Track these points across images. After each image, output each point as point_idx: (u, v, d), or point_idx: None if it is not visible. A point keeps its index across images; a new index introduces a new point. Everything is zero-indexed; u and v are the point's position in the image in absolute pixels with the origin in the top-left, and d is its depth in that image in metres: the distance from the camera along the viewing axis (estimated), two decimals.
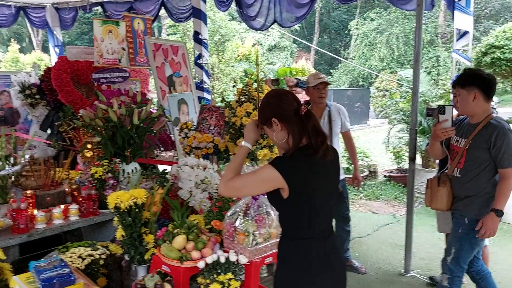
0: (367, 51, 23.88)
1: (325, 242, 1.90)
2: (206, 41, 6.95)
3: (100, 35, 4.85)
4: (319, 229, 1.89)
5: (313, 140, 1.83)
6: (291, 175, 1.79)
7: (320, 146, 1.84)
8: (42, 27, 8.90)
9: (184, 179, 3.05)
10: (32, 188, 2.88)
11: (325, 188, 1.90)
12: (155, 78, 5.00)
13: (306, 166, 1.83)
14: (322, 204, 1.88)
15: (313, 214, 1.85)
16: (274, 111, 1.89)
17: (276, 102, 1.90)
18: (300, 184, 1.81)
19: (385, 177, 7.95)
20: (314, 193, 1.85)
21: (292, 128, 1.85)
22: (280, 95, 1.93)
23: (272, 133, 1.93)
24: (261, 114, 1.95)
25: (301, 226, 1.86)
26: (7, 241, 2.48)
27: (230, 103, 3.66)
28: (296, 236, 1.88)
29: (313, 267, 1.86)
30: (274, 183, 1.81)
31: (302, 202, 1.83)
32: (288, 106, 1.87)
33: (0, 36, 24.65)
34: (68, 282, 1.77)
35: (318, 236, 1.88)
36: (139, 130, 3.07)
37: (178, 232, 2.53)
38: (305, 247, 1.86)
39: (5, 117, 5.67)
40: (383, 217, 6.04)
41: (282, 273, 1.93)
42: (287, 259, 1.91)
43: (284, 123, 1.87)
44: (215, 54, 14.79)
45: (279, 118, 1.87)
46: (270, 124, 1.90)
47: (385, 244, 4.94)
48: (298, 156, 1.83)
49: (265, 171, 1.82)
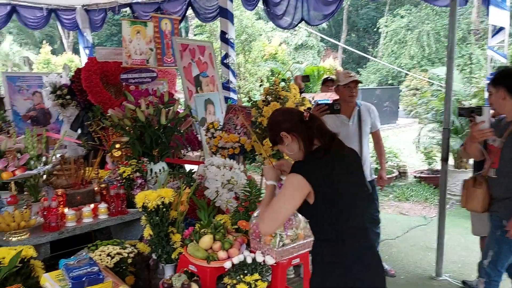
0: (397, 49, 23.43)
1: (359, 243, 1.87)
2: (233, 41, 6.95)
3: (128, 36, 4.92)
4: (352, 229, 1.86)
5: (322, 139, 1.90)
6: (313, 176, 1.80)
7: (330, 143, 1.89)
8: (73, 28, 9.10)
9: (210, 179, 3.04)
10: (62, 187, 2.93)
11: (351, 185, 1.89)
12: (182, 78, 5.03)
13: (326, 165, 1.84)
14: (350, 202, 1.86)
15: (344, 214, 1.83)
16: (281, 126, 1.97)
17: (280, 118, 2.01)
18: (324, 183, 1.80)
19: (415, 178, 7.77)
20: (340, 191, 1.83)
21: (301, 135, 1.92)
22: (282, 112, 2.08)
23: (285, 148, 2.00)
24: (271, 134, 2.05)
25: (333, 227, 1.84)
26: (39, 238, 2.53)
27: (256, 103, 3.64)
28: (330, 238, 1.86)
29: (350, 268, 1.82)
30: (303, 190, 1.80)
31: (330, 203, 1.81)
32: (291, 117, 1.98)
33: (33, 38, 25.36)
34: (96, 280, 1.78)
35: (350, 237, 1.85)
36: (166, 130, 3.08)
37: (205, 232, 2.52)
38: (340, 249, 1.84)
39: (37, 117, 5.82)
40: (414, 219, 5.91)
41: (318, 278, 1.91)
42: (321, 266, 1.89)
43: (292, 133, 1.94)
44: (242, 54, 14.79)
45: (286, 130, 1.95)
46: (281, 139, 1.97)
47: (415, 247, 4.82)
48: (314, 158, 1.88)
49: (290, 181, 1.83)
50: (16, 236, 2.44)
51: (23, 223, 2.41)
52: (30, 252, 2.11)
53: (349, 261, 1.82)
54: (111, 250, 2.51)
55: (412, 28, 22.96)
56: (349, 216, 1.85)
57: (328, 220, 1.83)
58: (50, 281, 1.78)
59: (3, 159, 2.41)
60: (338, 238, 1.84)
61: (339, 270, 1.82)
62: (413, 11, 23.60)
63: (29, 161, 2.56)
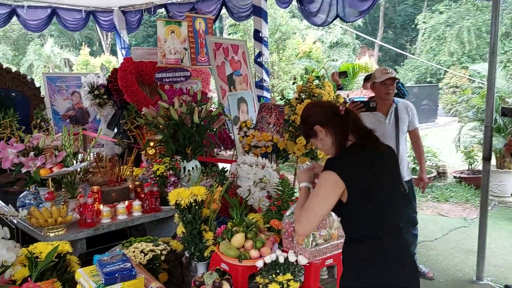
0: (436, 45, 22.77)
1: (395, 241, 1.81)
2: (266, 39, 6.93)
3: (163, 35, 4.97)
4: (387, 228, 1.80)
5: (357, 135, 1.85)
6: (347, 173, 1.75)
7: (366, 139, 1.83)
8: (110, 30, 9.30)
9: (242, 177, 3.03)
10: (98, 184, 2.99)
11: (387, 182, 1.83)
12: (215, 77, 5.04)
13: (361, 162, 1.79)
14: (386, 200, 1.80)
15: (378, 212, 1.77)
16: (315, 119, 1.93)
17: (314, 111, 1.96)
18: (359, 180, 1.75)
19: (455, 178, 7.53)
20: (376, 189, 1.77)
21: (335, 129, 1.87)
22: (315, 104, 2.05)
23: (318, 142, 1.95)
24: (304, 128, 2.00)
25: (369, 224, 1.78)
26: (75, 234, 2.58)
27: (290, 101, 3.60)
28: (366, 235, 1.80)
29: (386, 266, 1.76)
30: (337, 187, 1.75)
31: (364, 201, 1.75)
32: (326, 110, 1.93)
33: (73, 40, 26.19)
34: (129, 277, 1.79)
35: (387, 235, 1.79)
36: (199, 128, 3.09)
37: (237, 230, 2.51)
38: (376, 246, 1.78)
39: (76, 117, 5.98)
40: (453, 220, 5.71)
41: (351, 276, 1.85)
42: (355, 263, 1.82)
43: (326, 127, 1.89)
44: (276, 52, 14.73)
45: (321, 123, 1.90)
46: (314, 133, 1.93)
47: (455, 249, 4.65)
48: (348, 154, 1.82)
49: (323, 180, 1.79)
50: (54, 231, 2.50)
51: (60, 219, 2.46)
52: (66, 247, 2.16)
53: (386, 259, 1.76)
54: (144, 247, 2.53)
55: (452, 24, 22.25)
56: (386, 214, 1.79)
57: (364, 217, 1.78)
58: (84, 276, 1.81)
59: (41, 156, 2.48)
60: (374, 235, 1.78)
61: (375, 267, 1.76)
62: (452, 6, 22.87)
63: (66, 158, 2.62)
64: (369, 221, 1.78)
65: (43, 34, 24.73)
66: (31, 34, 23.93)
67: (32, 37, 24.86)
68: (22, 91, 4.79)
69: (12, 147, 2.47)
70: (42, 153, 2.53)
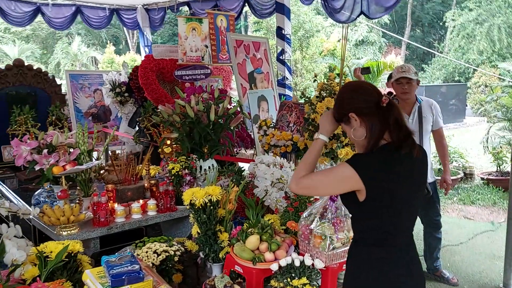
0: (464, 44, 22.19)
1: (407, 250, 1.68)
2: (289, 37, 6.83)
3: (184, 33, 4.94)
4: (400, 236, 1.67)
5: (395, 135, 1.64)
6: (369, 175, 1.59)
7: (404, 140, 1.64)
8: (133, 28, 9.36)
9: (259, 177, 2.96)
10: (113, 182, 2.96)
11: (410, 189, 1.67)
12: (236, 74, 4.97)
13: (388, 165, 1.62)
14: (405, 208, 1.66)
15: (394, 219, 1.64)
16: (352, 105, 1.70)
17: (354, 95, 1.71)
18: (380, 186, 1.60)
19: (482, 180, 7.28)
20: (397, 196, 1.62)
21: (373, 123, 1.65)
22: (358, 87, 1.75)
23: (350, 130, 1.74)
24: (337, 110, 1.77)
25: (379, 231, 1.66)
26: (88, 233, 2.56)
27: (310, 99, 3.51)
28: (373, 242, 1.67)
29: (393, 278, 1.64)
30: (350, 184, 1.62)
31: (381, 205, 1.62)
32: (367, 98, 1.68)
33: (99, 39, 26.61)
34: (136, 279, 1.74)
35: (399, 243, 1.67)
36: (215, 126, 3.03)
37: (252, 232, 2.44)
38: (384, 255, 1.65)
39: (98, 114, 6.02)
40: (480, 224, 5.50)
41: (355, 279, 1.74)
42: (361, 269, 1.71)
43: (363, 117, 1.67)
44: (299, 50, 14.60)
45: (357, 112, 1.68)
46: (347, 120, 1.72)
47: (481, 255, 4.46)
48: (379, 154, 1.63)
49: (340, 170, 1.64)
50: (66, 230, 2.48)
51: (73, 217, 2.44)
52: (77, 247, 2.12)
53: (394, 270, 1.65)
54: (158, 247, 2.49)
55: (482, 21, 21.65)
56: (400, 223, 1.66)
57: (376, 223, 1.65)
58: (91, 278, 1.77)
59: (54, 154, 2.47)
60: (382, 243, 1.66)
61: (379, 276, 1.65)
62: (483, 3, 22.24)
63: (80, 156, 2.60)
64: (379, 228, 1.66)
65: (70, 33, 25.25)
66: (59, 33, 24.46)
67: (60, 36, 25.40)
68: (43, 88, 4.85)
69: (26, 144, 2.46)
70: (56, 150, 2.51)
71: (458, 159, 7.65)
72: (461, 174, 7.42)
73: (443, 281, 3.80)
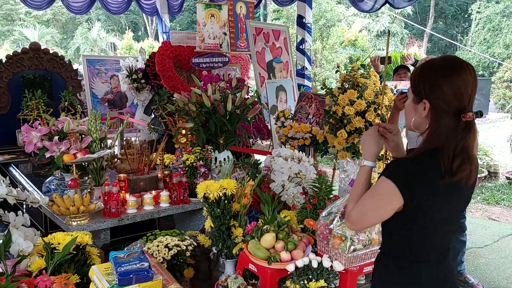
0: (490, 37, 21.60)
1: (440, 267, 1.51)
2: (310, 26, 6.64)
3: (202, 19, 4.81)
4: (434, 252, 1.51)
5: (453, 159, 1.37)
6: (409, 188, 1.39)
7: (459, 168, 1.37)
8: (152, 14, 9.27)
9: (276, 171, 2.84)
10: (126, 172, 2.87)
11: (452, 205, 1.47)
12: (254, 63, 4.84)
13: (432, 179, 1.38)
14: (443, 223, 1.49)
15: (430, 235, 1.48)
16: (432, 92, 1.40)
17: (444, 82, 1.39)
18: (420, 198, 1.40)
19: (507, 179, 7.04)
20: (436, 211, 1.44)
21: (439, 128, 1.40)
22: (458, 73, 1.39)
23: (412, 112, 1.49)
24: (416, 83, 1.46)
25: (411, 246, 1.49)
26: (98, 224, 2.48)
27: (331, 90, 3.36)
28: (403, 256, 1.52)
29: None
30: (392, 201, 1.40)
31: (417, 218, 1.45)
32: (454, 96, 1.38)
33: (119, 25, 26.66)
34: (145, 278, 1.64)
35: (432, 260, 1.50)
36: (232, 117, 2.91)
37: (267, 229, 2.33)
38: (414, 273, 1.50)
39: (114, 101, 5.96)
40: (506, 225, 5.30)
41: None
42: (389, 283, 1.56)
43: (432, 113, 1.41)
44: (319, 40, 14.32)
45: (432, 104, 1.40)
46: (418, 102, 1.45)
47: (507, 259, 4.28)
48: (425, 161, 1.40)
49: (379, 186, 1.43)
50: (76, 220, 2.40)
51: (82, 207, 2.36)
52: (86, 238, 2.04)
53: (422, 285, 1.49)
54: (169, 241, 2.40)
55: (509, 14, 21.02)
56: (436, 238, 1.50)
57: (409, 236, 1.49)
58: (97, 274, 1.67)
59: (65, 141, 2.38)
60: (413, 259, 1.50)
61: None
62: None
63: (92, 144, 2.51)
64: (412, 242, 1.49)
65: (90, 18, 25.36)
66: (79, 18, 24.59)
67: (80, 21, 25.53)
68: (59, 72, 4.78)
69: (36, 130, 2.37)
70: (67, 137, 2.43)
71: (482, 157, 7.41)
72: (485, 173, 7.18)
73: (467, 287, 3.64)
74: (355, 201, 1.51)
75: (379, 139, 1.59)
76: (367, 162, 1.58)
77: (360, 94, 3.14)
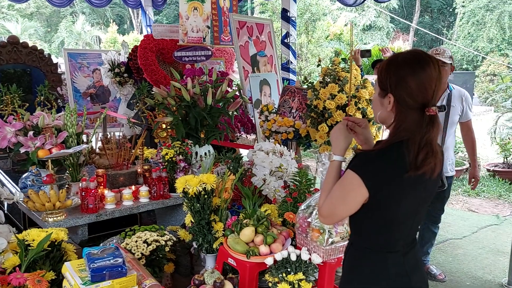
0: (474, 31, 21.78)
1: (406, 258, 1.52)
2: (295, 19, 6.61)
3: (185, 12, 4.76)
4: (400, 243, 1.52)
5: (418, 153, 1.37)
6: (374, 181, 1.40)
7: (423, 162, 1.38)
8: (136, 6, 9.15)
9: (258, 165, 2.83)
10: (105, 167, 2.84)
11: (417, 198, 1.49)
12: (238, 57, 4.82)
13: (398, 171, 1.39)
14: (408, 215, 1.50)
15: (395, 226, 1.49)
16: (397, 86, 1.41)
17: (410, 80, 1.39)
18: (385, 191, 1.42)
19: (488, 172, 7.13)
20: (401, 203, 1.45)
21: (404, 122, 1.41)
22: (423, 73, 1.39)
23: (378, 104, 1.50)
24: (382, 77, 1.47)
25: (377, 237, 1.51)
26: (75, 220, 2.44)
27: (313, 84, 3.35)
28: (370, 247, 1.53)
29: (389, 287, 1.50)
30: (361, 193, 1.41)
31: (382, 210, 1.46)
32: (419, 90, 1.39)
33: (104, 18, 26.31)
34: (119, 274, 1.63)
35: (398, 250, 1.51)
36: (212, 110, 2.89)
37: (247, 223, 2.32)
38: (381, 263, 1.50)
39: (96, 95, 5.88)
40: (484, 217, 5.35)
41: (349, 286, 1.61)
42: (354, 273, 1.58)
43: (398, 107, 1.43)
44: (304, 34, 14.30)
45: (396, 98, 1.42)
46: (384, 96, 1.46)
47: (485, 250, 4.33)
48: (392, 153, 1.40)
49: (345, 179, 1.45)
50: (53, 216, 2.37)
51: (58, 203, 2.32)
52: (61, 235, 2.01)
53: (391, 279, 1.50)
54: (148, 236, 2.38)
55: (492, 8, 21.19)
56: (402, 229, 1.51)
57: (374, 226, 1.50)
58: (70, 271, 1.65)
59: (40, 136, 2.33)
60: (380, 249, 1.51)
61: (376, 284, 1.51)
62: None
63: (68, 139, 2.47)
64: (378, 232, 1.50)
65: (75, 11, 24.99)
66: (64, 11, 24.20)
67: (65, 14, 25.12)
68: (38, 66, 4.69)
69: (10, 125, 2.33)
70: (42, 132, 2.38)
71: (463, 149, 7.49)
72: (467, 165, 7.26)
73: (429, 278, 3.63)
74: (326, 195, 1.52)
75: (348, 134, 1.59)
76: (336, 157, 1.57)
77: (341, 88, 3.14)
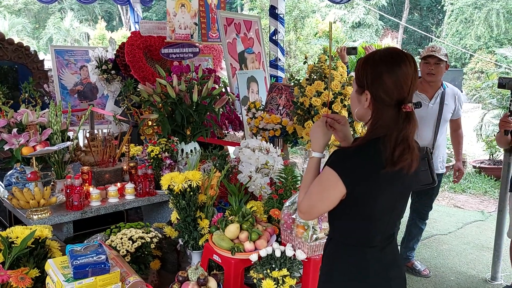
0: (462, 28, 21.95)
1: (385, 252, 1.55)
2: (283, 16, 6.62)
3: (172, 9, 4.74)
4: (378, 238, 1.54)
5: (394, 149, 1.39)
6: (351, 177, 1.42)
7: (400, 158, 1.40)
8: (124, 3, 9.10)
9: (244, 162, 2.84)
10: (90, 164, 2.83)
11: (394, 194, 1.51)
12: (225, 54, 4.82)
13: (375, 167, 1.41)
14: (386, 210, 1.52)
15: (373, 221, 1.51)
16: (373, 83, 1.43)
17: (384, 73, 1.41)
18: (362, 187, 1.44)
19: (474, 168, 7.21)
20: (378, 199, 1.47)
21: (381, 118, 1.43)
22: (398, 65, 1.41)
23: (356, 102, 1.52)
24: (359, 74, 1.49)
25: (355, 232, 1.53)
26: (60, 217, 2.44)
27: (299, 81, 3.37)
28: (348, 242, 1.55)
29: (368, 282, 1.52)
30: (338, 189, 1.43)
31: (360, 206, 1.48)
32: (395, 87, 1.41)
33: (93, 14, 26.09)
34: (102, 271, 1.63)
35: (376, 245, 1.53)
36: (199, 107, 2.89)
37: (232, 220, 2.34)
38: (360, 258, 1.53)
39: (84, 92, 5.84)
40: (469, 213, 5.43)
41: (328, 281, 1.62)
42: (333, 270, 1.59)
43: (374, 104, 1.44)
44: (293, 31, 14.31)
45: (373, 95, 1.44)
46: (361, 92, 1.48)
47: (469, 245, 4.39)
48: (369, 149, 1.42)
49: (324, 175, 1.46)
50: (37, 214, 2.36)
51: (43, 201, 2.32)
52: (45, 232, 2.01)
53: (369, 273, 1.53)
54: (133, 233, 2.38)
55: (480, 6, 21.38)
56: (379, 224, 1.53)
57: (352, 221, 1.52)
58: (53, 268, 1.65)
59: (24, 133, 2.32)
60: (357, 243, 1.54)
61: (354, 278, 1.54)
62: None
63: (53, 136, 2.46)
64: (355, 227, 1.53)
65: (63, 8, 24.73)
66: (52, 7, 23.94)
67: (53, 11, 24.86)
68: (25, 63, 4.65)
69: None
70: (26, 130, 2.37)
71: (449, 146, 7.56)
72: (453, 162, 7.34)
73: (413, 273, 3.69)
74: (305, 192, 1.53)
75: (327, 131, 1.60)
76: (315, 153, 1.59)
77: (327, 86, 3.16)
